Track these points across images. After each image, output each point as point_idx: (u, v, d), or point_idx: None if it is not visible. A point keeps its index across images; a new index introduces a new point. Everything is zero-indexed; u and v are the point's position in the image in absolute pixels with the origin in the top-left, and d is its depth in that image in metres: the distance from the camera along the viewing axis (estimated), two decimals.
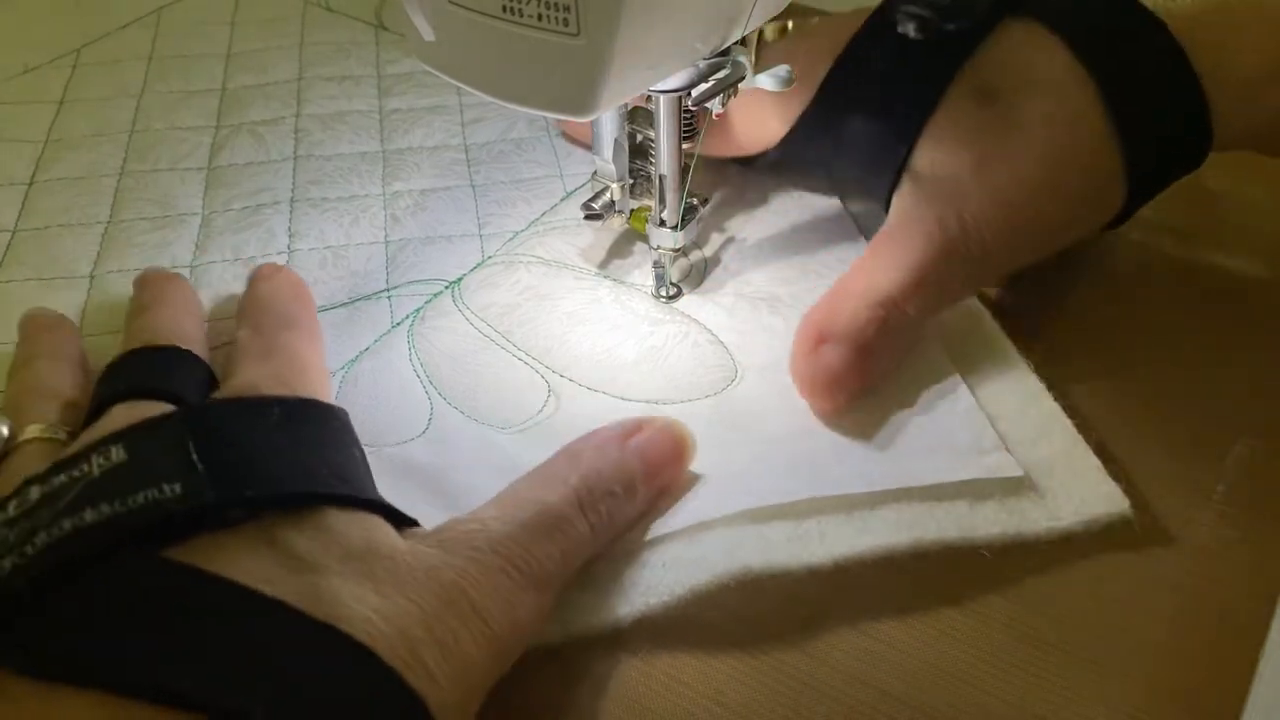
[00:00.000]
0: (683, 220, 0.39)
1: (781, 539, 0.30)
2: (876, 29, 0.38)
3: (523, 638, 0.27)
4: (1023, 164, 0.35)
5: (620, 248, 0.43)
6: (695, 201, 0.39)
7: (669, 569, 0.30)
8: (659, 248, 0.39)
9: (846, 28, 0.39)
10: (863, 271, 0.35)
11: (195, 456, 0.26)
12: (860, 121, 0.38)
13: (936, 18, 0.37)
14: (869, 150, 0.38)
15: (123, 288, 0.41)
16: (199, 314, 0.38)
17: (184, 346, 0.34)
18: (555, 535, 0.28)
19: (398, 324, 0.40)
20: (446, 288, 0.41)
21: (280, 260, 0.43)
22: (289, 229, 0.45)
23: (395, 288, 0.41)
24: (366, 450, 0.34)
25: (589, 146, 0.46)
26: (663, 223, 0.39)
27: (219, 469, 0.26)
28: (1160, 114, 0.36)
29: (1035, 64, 0.36)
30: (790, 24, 0.43)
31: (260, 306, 0.36)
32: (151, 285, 0.38)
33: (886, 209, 0.38)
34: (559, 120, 0.49)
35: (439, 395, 0.37)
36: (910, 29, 0.37)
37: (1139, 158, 0.36)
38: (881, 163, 0.37)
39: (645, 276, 0.41)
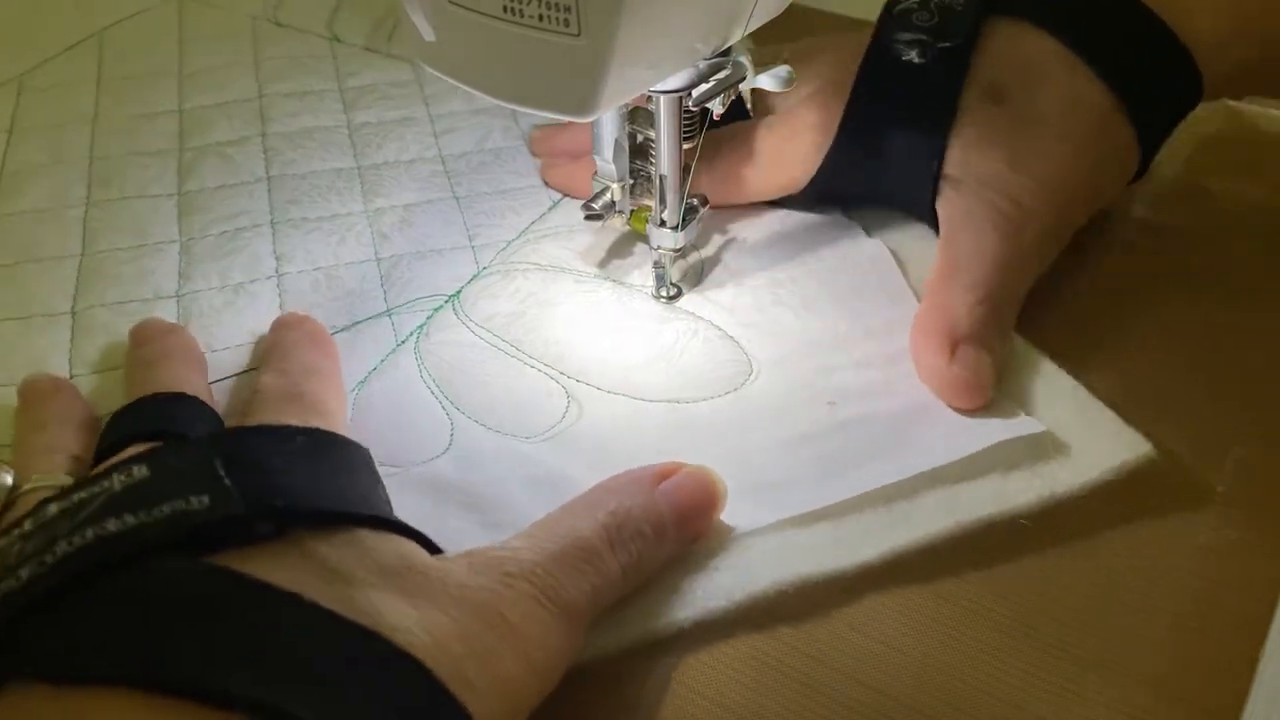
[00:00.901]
0: (683, 221, 0.39)
1: (827, 542, 0.31)
2: (878, 62, 0.40)
3: (560, 665, 0.27)
4: (1051, 148, 0.38)
5: (620, 248, 0.43)
6: (695, 202, 0.40)
7: (723, 574, 0.30)
8: (659, 248, 0.40)
9: (842, 65, 0.41)
10: (950, 274, 0.37)
11: (222, 472, 0.25)
12: (886, 148, 0.40)
13: (931, 39, 0.39)
14: (901, 170, 0.40)
15: (107, 322, 0.40)
16: (202, 366, 0.37)
17: (192, 394, 0.33)
18: (586, 570, 0.28)
19: (403, 341, 0.39)
20: (447, 301, 0.41)
21: (270, 284, 0.42)
22: (274, 252, 0.44)
23: (396, 307, 0.41)
24: (393, 472, 0.34)
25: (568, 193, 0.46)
26: (663, 223, 0.39)
27: (246, 484, 0.25)
28: (1152, 73, 0.39)
29: (1030, 59, 0.39)
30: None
31: (283, 353, 0.36)
32: (152, 339, 0.37)
33: (929, 218, 0.40)
34: (538, 139, 0.49)
35: (457, 410, 0.36)
36: (914, 56, 0.39)
37: (1144, 116, 0.39)
38: (916, 178, 0.40)
39: (645, 277, 0.41)
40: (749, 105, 0.43)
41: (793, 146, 0.42)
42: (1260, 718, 0.27)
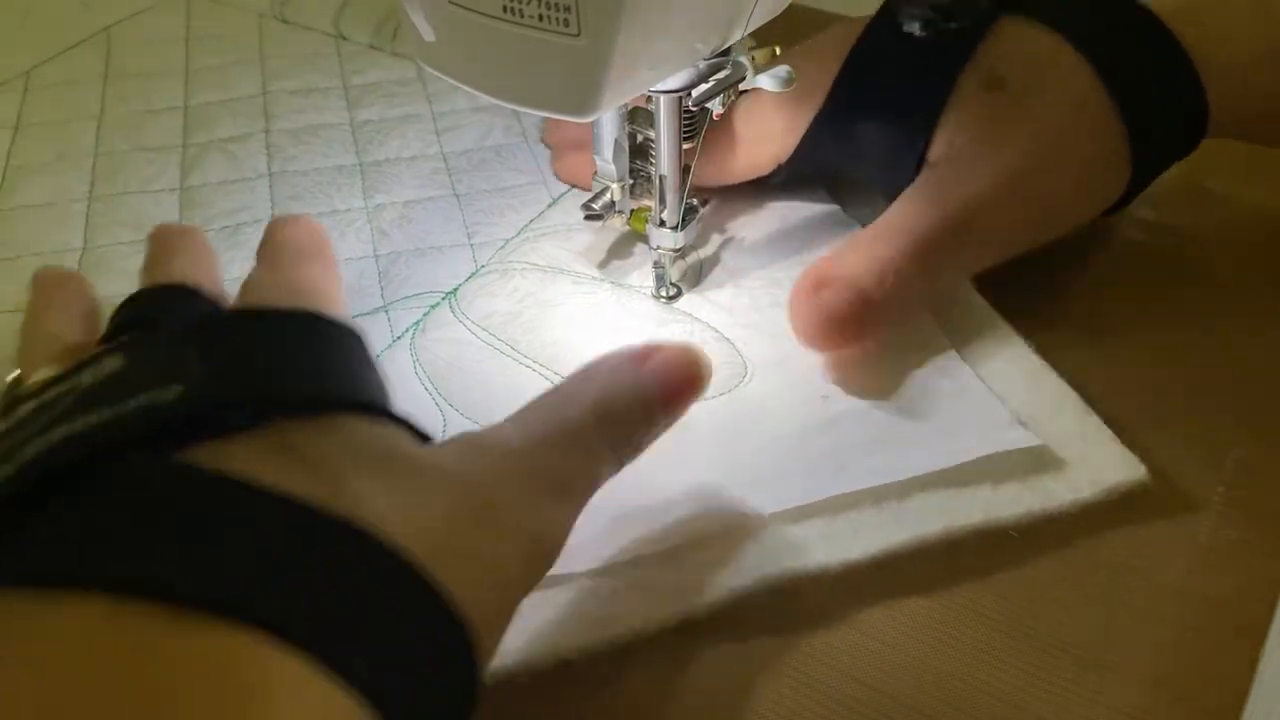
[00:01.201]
0: (683, 221, 0.39)
1: (816, 538, 0.31)
2: (880, 31, 0.39)
3: (554, 544, 0.26)
4: (1032, 143, 0.37)
5: (620, 249, 0.43)
6: (695, 202, 0.40)
7: (710, 570, 0.30)
8: (659, 248, 0.40)
9: (845, 38, 0.40)
10: (866, 235, 0.36)
11: (196, 360, 0.24)
12: (874, 121, 0.39)
13: (940, 15, 0.38)
14: (886, 148, 0.39)
15: (107, 315, 0.40)
16: (213, 260, 0.36)
17: (194, 285, 0.32)
18: (575, 449, 0.27)
19: (398, 338, 0.39)
20: (443, 299, 0.41)
21: None
22: None
23: (393, 304, 0.41)
24: None
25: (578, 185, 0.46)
26: (663, 223, 0.39)
27: (223, 372, 0.24)
28: (1158, 95, 0.38)
29: (1038, 55, 0.38)
30: (777, 49, 0.44)
31: (276, 246, 0.34)
32: (165, 237, 0.36)
33: None
34: (550, 128, 0.49)
35: (450, 408, 0.36)
36: (916, 27, 0.38)
37: (1141, 136, 0.37)
38: (901, 158, 0.38)
39: (645, 278, 0.41)
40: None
41: (783, 114, 0.40)
42: (1260, 718, 0.26)
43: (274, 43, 0.58)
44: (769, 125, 0.41)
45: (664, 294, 0.40)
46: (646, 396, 0.29)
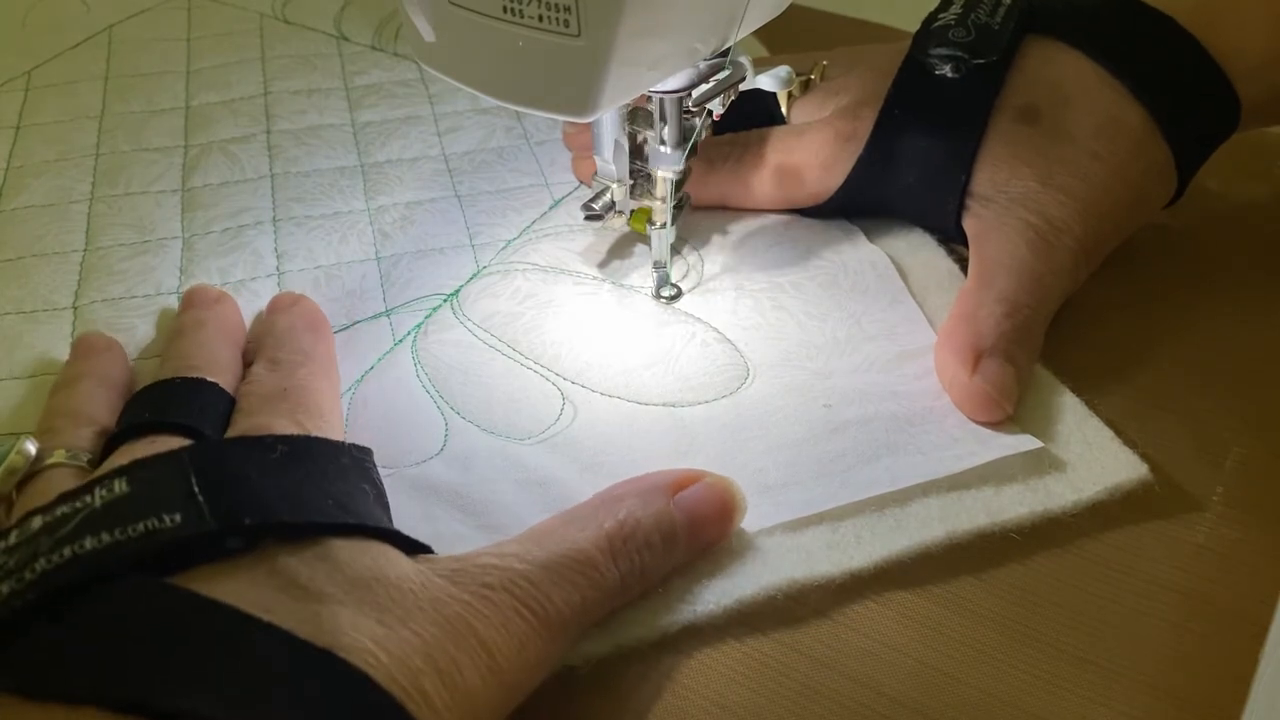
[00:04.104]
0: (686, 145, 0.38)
1: (821, 546, 0.31)
2: (912, 76, 0.40)
3: (533, 676, 0.27)
4: (1084, 166, 0.38)
5: (621, 249, 0.43)
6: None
7: (715, 578, 0.30)
8: (660, 173, 0.38)
9: (877, 78, 0.41)
10: (980, 287, 0.37)
11: (196, 489, 0.26)
12: (914, 162, 0.40)
13: (967, 55, 0.39)
14: (929, 186, 0.40)
15: (107, 317, 0.40)
16: (237, 336, 0.38)
17: (211, 378, 0.33)
18: (578, 580, 0.27)
19: (400, 341, 0.39)
20: (445, 300, 0.41)
21: (270, 282, 0.42)
22: (275, 249, 0.44)
23: (395, 308, 0.41)
24: (386, 473, 0.34)
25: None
26: (663, 142, 0.37)
27: (219, 500, 0.26)
28: (1189, 94, 0.39)
29: (1065, 79, 0.39)
30: (813, 76, 0.45)
31: (276, 340, 0.36)
32: (195, 306, 0.38)
33: (956, 234, 0.40)
34: (571, 131, 0.49)
35: (452, 410, 0.36)
36: (947, 70, 0.39)
37: (1181, 137, 0.39)
38: (944, 194, 0.39)
39: (645, 278, 0.41)
40: (785, 110, 0.43)
41: (824, 156, 0.41)
42: (1260, 718, 0.26)
43: (275, 43, 0.58)
44: (812, 163, 0.42)
45: (665, 295, 0.40)
46: (672, 528, 0.29)
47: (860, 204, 0.42)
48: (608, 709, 0.28)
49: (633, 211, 0.41)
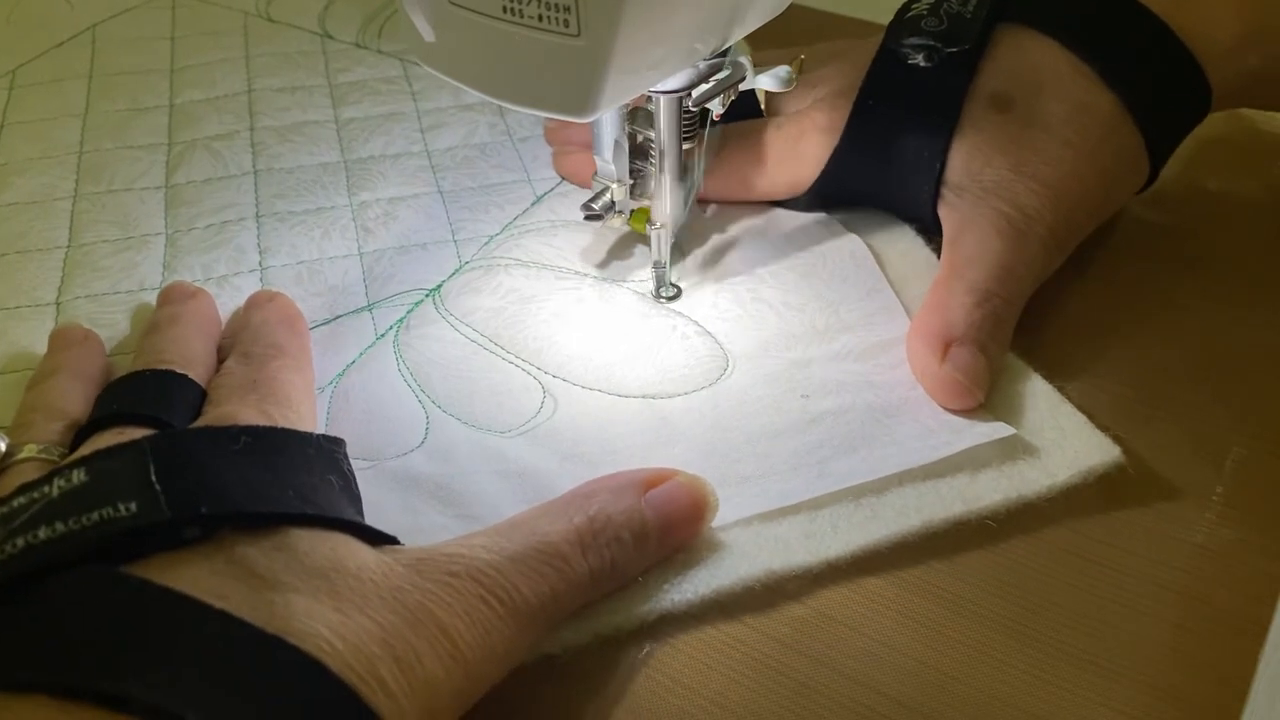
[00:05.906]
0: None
1: (798, 536, 0.31)
2: (886, 66, 0.41)
3: (500, 665, 0.26)
4: (1056, 154, 0.38)
5: (620, 249, 0.43)
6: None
7: (692, 569, 0.30)
8: (659, 225, 0.39)
9: (853, 70, 0.41)
10: (952, 276, 0.37)
11: (154, 478, 0.26)
12: (890, 152, 0.40)
13: (940, 44, 0.40)
14: (904, 175, 0.40)
15: (90, 313, 0.40)
16: (212, 331, 0.38)
17: (182, 370, 0.33)
18: (546, 571, 0.27)
19: (382, 335, 0.39)
20: (427, 295, 0.41)
21: (253, 278, 0.42)
22: (258, 245, 0.44)
23: (377, 302, 0.41)
24: (367, 466, 0.34)
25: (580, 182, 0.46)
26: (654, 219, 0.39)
27: (176, 489, 0.26)
28: (1160, 80, 0.39)
29: (1038, 67, 0.39)
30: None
31: (251, 334, 0.36)
32: (170, 302, 0.38)
33: (932, 223, 0.41)
34: (552, 127, 0.49)
35: (433, 404, 0.37)
36: (920, 59, 0.40)
37: (1152, 123, 0.39)
38: (919, 182, 0.40)
39: (644, 278, 0.41)
40: (762, 104, 0.44)
41: (801, 147, 0.42)
42: (1260, 718, 0.26)
43: (259, 41, 0.58)
44: (791, 155, 0.42)
45: (664, 295, 0.41)
46: (643, 525, 0.30)
47: (838, 195, 0.43)
48: (607, 709, 0.28)
49: (633, 211, 0.41)
